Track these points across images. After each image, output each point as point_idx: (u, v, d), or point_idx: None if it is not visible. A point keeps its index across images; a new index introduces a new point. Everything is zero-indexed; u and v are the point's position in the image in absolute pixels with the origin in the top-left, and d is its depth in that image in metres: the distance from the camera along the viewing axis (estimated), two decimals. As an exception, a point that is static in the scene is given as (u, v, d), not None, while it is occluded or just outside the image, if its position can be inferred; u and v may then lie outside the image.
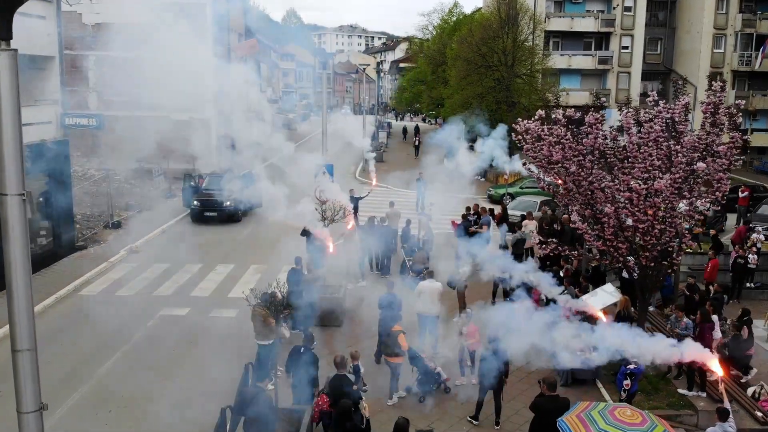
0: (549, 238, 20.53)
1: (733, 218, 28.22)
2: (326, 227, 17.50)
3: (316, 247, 18.03)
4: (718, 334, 14.07)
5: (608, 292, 14.91)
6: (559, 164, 12.41)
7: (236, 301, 18.01)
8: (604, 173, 12.48)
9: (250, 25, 51.02)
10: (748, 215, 27.56)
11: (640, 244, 12.34)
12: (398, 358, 12.20)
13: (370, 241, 20.01)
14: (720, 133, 12.20)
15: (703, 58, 51.38)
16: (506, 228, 23.26)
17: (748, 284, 20.43)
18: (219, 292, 18.91)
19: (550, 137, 12.44)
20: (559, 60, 48.84)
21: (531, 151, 13.02)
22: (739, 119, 12.25)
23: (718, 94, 12.65)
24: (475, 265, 17.12)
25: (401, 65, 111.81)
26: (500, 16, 42.37)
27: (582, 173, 12.27)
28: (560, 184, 14.02)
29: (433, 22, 72.87)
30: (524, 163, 14.59)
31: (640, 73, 51.90)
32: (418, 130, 54.69)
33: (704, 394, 12.82)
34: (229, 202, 27.09)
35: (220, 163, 37.12)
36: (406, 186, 36.34)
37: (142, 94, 31.58)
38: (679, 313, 13.48)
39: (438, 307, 14.55)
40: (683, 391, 12.91)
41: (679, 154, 11.79)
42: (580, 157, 12.25)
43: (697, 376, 12.81)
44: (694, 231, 12.73)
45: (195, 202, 27.42)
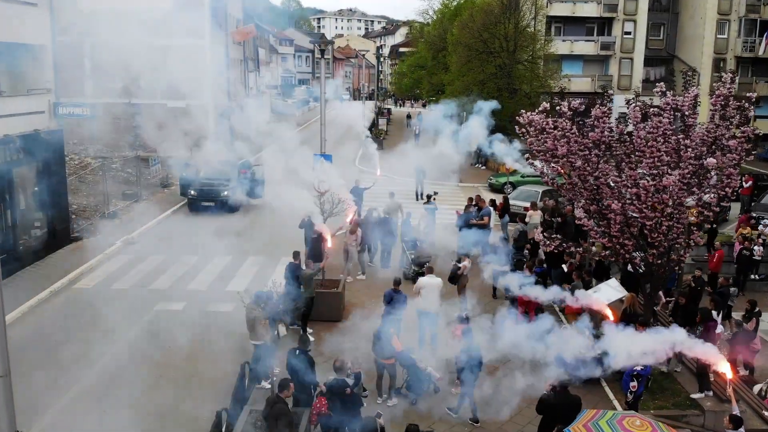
0: (551, 230, 20.42)
1: (736, 208, 27.87)
2: (324, 220, 17.11)
3: (315, 240, 17.69)
4: (719, 329, 13.80)
5: (613, 288, 14.58)
6: (564, 158, 12.03)
7: (233, 295, 17.65)
8: (611, 167, 12.11)
9: (248, 9, 50.45)
10: (752, 204, 27.23)
11: (647, 240, 12.00)
12: (390, 359, 11.90)
13: (370, 234, 19.70)
14: (730, 126, 11.82)
15: (707, 43, 50.82)
16: (508, 219, 22.96)
17: (753, 276, 20.15)
18: (216, 286, 18.60)
19: (555, 131, 12.05)
20: (560, 46, 48.22)
21: (535, 144, 12.63)
22: (751, 112, 11.86)
23: (728, 86, 12.26)
24: (475, 257, 16.84)
25: (401, 50, 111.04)
26: (502, 1, 41.76)
27: (588, 168, 11.90)
28: (562, 174, 13.68)
29: (433, 6, 72.27)
30: (527, 157, 14.21)
31: (642, 58, 51.35)
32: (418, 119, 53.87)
33: (711, 393, 12.55)
34: (227, 192, 26.77)
35: (218, 152, 36.75)
36: (407, 174, 36.03)
37: (138, 81, 31.27)
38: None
39: (438, 304, 14.24)
40: (696, 395, 12.60)
41: (689, 149, 11.41)
42: (586, 152, 11.88)
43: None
44: (703, 225, 12.36)
45: (192, 192, 27.03)
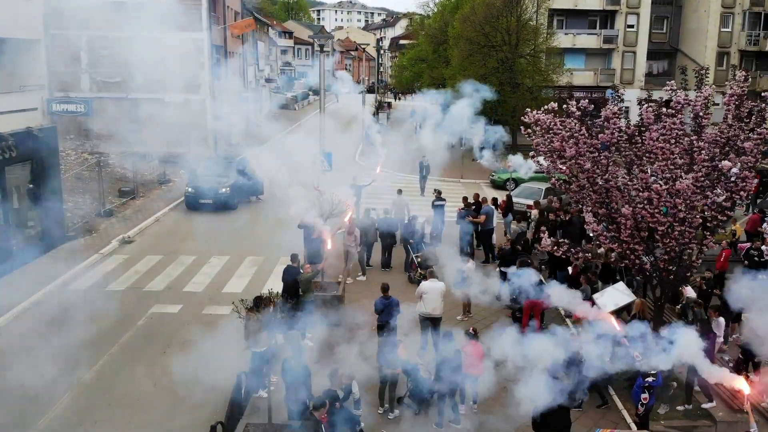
0: (554, 230, 19.98)
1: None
2: (325, 221, 16.67)
3: (314, 241, 17.26)
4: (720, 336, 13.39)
5: (620, 291, 14.19)
6: (573, 160, 11.58)
7: (230, 297, 17.22)
8: (620, 169, 11.66)
9: (246, 2, 49.89)
10: (758, 201, 26.79)
11: (658, 246, 11.58)
12: (397, 369, 11.48)
13: (368, 235, 19.29)
14: (744, 127, 11.38)
15: (710, 37, 50.35)
16: (512, 218, 22.51)
17: (762, 276, 19.72)
18: (213, 287, 18.19)
19: (563, 131, 11.60)
20: (563, 39, 47.71)
21: (541, 144, 12.17)
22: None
23: (741, 84, 11.81)
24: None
25: (401, 42, 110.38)
26: (504, -7, 41.19)
27: (597, 170, 11.46)
28: (565, 172, 13.25)
29: (434, -2, 71.48)
30: (532, 155, 13.75)
31: (645, 52, 50.87)
32: (422, 116, 53.13)
33: (713, 403, 12.14)
34: (225, 189, 26.36)
35: (217, 147, 36.36)
36: (407, 170, 35.57)
37: (135, 75, 30.75)
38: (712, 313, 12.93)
39: (441, 309, 13.85)
40: (707, 405, 12.20)
41: (702, 152, 10.97)
42: (595, 153, 11.43)
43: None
44: (716, 229, 11.92)
45: (189, 189, 26.60)
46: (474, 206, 21.32)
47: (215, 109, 35.82)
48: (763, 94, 11.55)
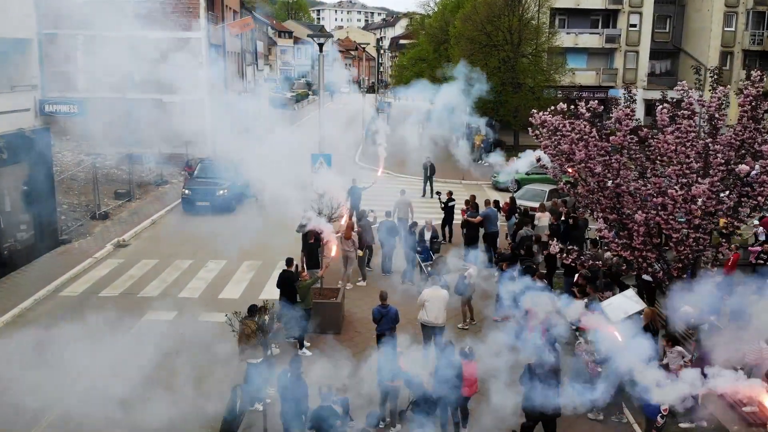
0: (557, 235, 19.48)
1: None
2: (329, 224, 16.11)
3: (313, 246, 16.76)
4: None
5: (629, 299, 13.64)
6: (583, 164, 11.10)
7: (227, 303, 16.83)
8: (631, 173, 11.18)
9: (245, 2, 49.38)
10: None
11: (669, 252, 11.11)
12: (397, 381, 10.99)
13: (366, 237, 18.79)
14: (761, 129, 10.91)
15: (714, 36, 49.84)
16: (515, 220, 22.01)
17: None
18: (209, 293, 17.70)
19: (573, 133, 11.12)
20: (564, 39, 47.21)
21: (549, 147, 11.69)
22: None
23: (757, 85, 11.34)
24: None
25: (401, 42, 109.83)
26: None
27: (608, 174, 10.98)
28: (571, 174, 12.80)
29: (434, -3, 70.92)
30: (538, 159, 13.29)
31: (648, 52, 50.36)
32: (426, 118, 52.15)
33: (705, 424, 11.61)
34: (222, 191, 25.88)
35: (214, 148, 35.83)
36: (410, 171, 35.07)
37: (132, 76, 30.26)
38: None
39: (444, 318, 13.35)
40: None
41: (718, 155, 10.49)
42: (606, 156, 10.95)
43: None
44: (732, 236, 11.41)
45: (186, 191, 26.11)
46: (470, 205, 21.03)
47: (213, 110, 35.40)
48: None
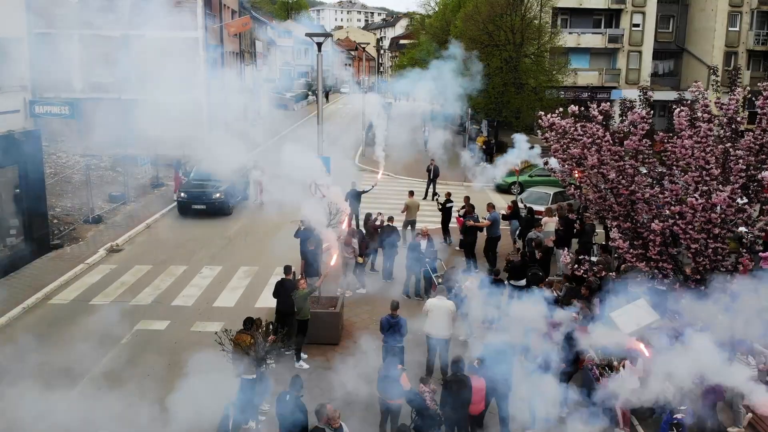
0: (564, 240, 18.90)
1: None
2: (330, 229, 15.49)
3: (312, 253, 16.17)
4: None
5: (642, 309, 13.03)
6: (595, 169, 10.51)
7: (221, 312, 16.34)
8: (646, 179, 10.59)
9: (243, 1, 48.81)
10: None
11: (690, 265, 10.52)
12: (398, 400, 10.38)
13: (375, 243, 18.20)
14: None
15: (718, 36, 49.28)
16: (517, 224, 21.46)
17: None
18: (203, 301, 17.10)
19: (585, 137, 10.53)
20: (567, 38, 46.64)
21: (560, 151, 11.10)
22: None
23: (777, 85, 10.75)
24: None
25: (402, 42, 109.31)
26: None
27: (623, 181, 10.39)
28: (577, 177, 12.24)
29: (435, -3, 70.30)
30: (545, 162, 12.71)
31: (651, 52, 49.82)
32: (432, 119, 51.03)
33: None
34: (218, 194, 25.28)
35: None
36: (412, 173, 34.54)
37: (128, 76, 29.70)
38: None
39: (450, 329, 12.72)
40: (733, 429, 11.17)
41: (740, 161, 9.90)
42: (621, 162, 10.36)
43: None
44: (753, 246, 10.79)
45: (182, 194, 25.51)
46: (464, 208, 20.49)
47: (211, 110, 34.82)
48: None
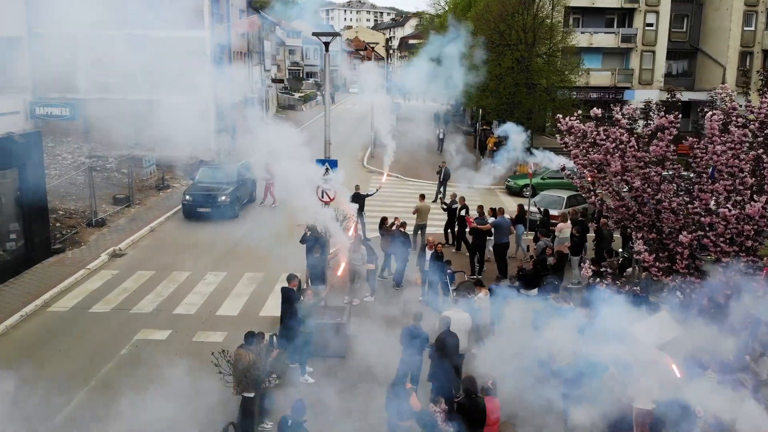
0: (580, 247, 18.27)
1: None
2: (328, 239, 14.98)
3: (318, 260, 15.59)
4: None
5: (665, 321, 12.37)
6: (618, 176, 9.88)
7: (224, 321, 15.78)
8: (672, 187, 9.94)
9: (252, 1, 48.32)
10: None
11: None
12: (408, 421, 9.76)
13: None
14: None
15: (733, 36, 48.33)
16: (523, 229, 20.86)
17: None
18: (206, 309, 16.55)
19: (608, 142, 9.90)
20: (579, 38, 45.87)
21: (580, 157, 10.47)
22: None
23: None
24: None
25: (411, 42, 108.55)
26: (519, -10, 39.37)
27: (648, 189, 9.75)
28: (590, 180, 11.62)
29: (445, -4, 69.58)
30: (562, 167, 12.08)
31: (665, 51, 48.93)
32: (446, 120, 49.94)
33: None
34: (224, 197, 24.77)
35: (218, 152, 34.82)
36: (419, 175, 33.94)
37: (133, 76, 29.24)
38: None
39: (466, 344, 12.06)
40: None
41: (775, 168, 9.26)
42: (646, 169, 9.72)
43: None
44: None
45: (187, 197, 25.02)
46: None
47: (218, 111, 34.36)
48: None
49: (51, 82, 32.80)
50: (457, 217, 21.17)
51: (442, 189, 28.58)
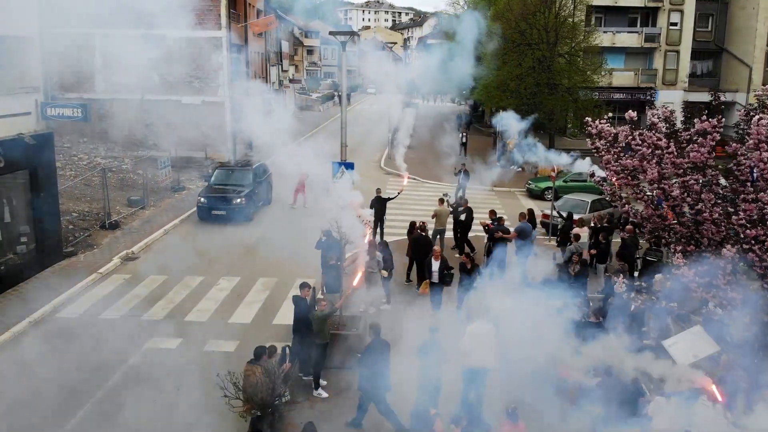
0: (605, 255, 17.54)
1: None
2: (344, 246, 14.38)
3: (333, 267, 15.03)
4: None
5: (700, 337, 11.65)
6: (655, 184, 9.22)
7: (237, 329, 15.28)
8: (713, 196, 9.25)
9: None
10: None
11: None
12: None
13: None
14: None
15: (759, 36, 47.21)
16: (536, 234, 20.18)
17: None
18: (219, 316, 16.06)
19: (644, 147, 9.24)
20: (602, 37, 44.93)
21: (612, 162, 9.81)
22: None
23: None
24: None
25: (429, 42, 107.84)
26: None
27: (688, 198, 9.08)
28: (615, 183, 10.98)
29: (464, -4, 68.75)
30: (592, 173, 11.44)
31: (689, 51, 47.85)
32: (468, 122, 48.82)
33: None
34: (240, 200, 24.33)
35: (235, 152, 34.52)
36: (438, 177, 33.30)
37: (151, 77, 28.91)
38: None
39: (493, 359, 11.33)
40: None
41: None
42: (686, 177, 9.05)
43: None
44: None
45: (202, 199, 24.60)
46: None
47: (234, 112, 34.02)
48: None
49: (66, 83, 32.80)
50: (460, 221, 20.62)
51: (462, 192, 27.86)
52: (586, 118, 10.90)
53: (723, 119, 9.23)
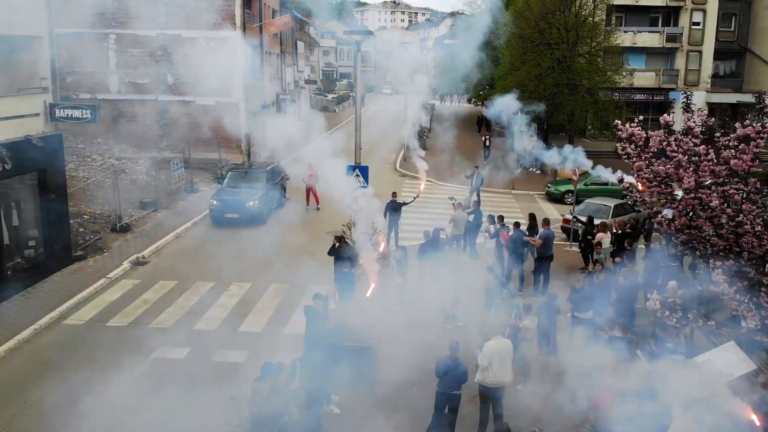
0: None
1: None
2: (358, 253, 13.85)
3: (347, 275, 14.50)
4: None
5: (734, 355, 10.97)
6: (692, 193, 8.59)
7: (247, 338, 14.77)
8: (754, 207, 8.60)
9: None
10: None
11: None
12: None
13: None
14: None
15: (784, 36, 46.21)
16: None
17: None
18: (228, 324, 15.57)
19: (679, 154, 8.61)
20: (623, 37, 44.04)
21: (644, 169, 9.18)
22: None
23: None
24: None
25: (446, 42, 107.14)
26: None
27: (728, 209, 8.44)
28: (642, 189, 10.37)
29: (481, -5, 68.06)
30: (620, 179, 10.81)
31: (712, 52, 46.90)
32: (488, 124, 47.60)
33: None
34: (253, 202, 23.87)
35: (250, 154, 34.11)
36: (454, 180, 32.64)
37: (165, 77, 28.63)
38: None
39: (511, 374, 10.82)
40: None
41: None
42: (725, 186, 8.42)
43: None
44: None
45: (214, 202, 24.18)
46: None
47: (249, 113, 33.61)
48: None
49: (80, 83, 32.59)
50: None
51: (476, 196, 27.19)
52: (616, 121, 10.29)
53: (766, 125, 8.60)
